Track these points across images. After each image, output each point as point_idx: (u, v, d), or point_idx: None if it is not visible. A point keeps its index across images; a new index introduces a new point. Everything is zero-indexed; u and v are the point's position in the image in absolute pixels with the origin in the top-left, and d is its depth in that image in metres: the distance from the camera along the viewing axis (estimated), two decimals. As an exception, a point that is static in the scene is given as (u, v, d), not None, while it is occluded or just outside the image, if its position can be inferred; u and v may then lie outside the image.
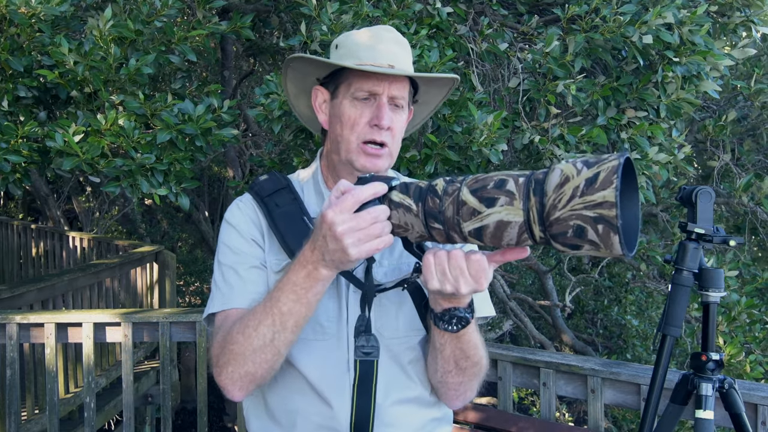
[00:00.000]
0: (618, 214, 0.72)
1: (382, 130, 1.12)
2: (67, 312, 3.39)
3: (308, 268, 0.97)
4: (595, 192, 0.74)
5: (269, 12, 3.21)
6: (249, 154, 5.96)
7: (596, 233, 0.74)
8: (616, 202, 0.72)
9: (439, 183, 0.91)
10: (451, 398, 1.19)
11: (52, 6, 2.22)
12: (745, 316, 2.87)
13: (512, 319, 5.47)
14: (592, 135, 2.19)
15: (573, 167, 0.77)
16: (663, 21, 2.04)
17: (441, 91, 1.29)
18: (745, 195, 2.90)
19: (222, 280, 1.16)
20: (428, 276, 0.91)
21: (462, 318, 1.00)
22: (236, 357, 1.04)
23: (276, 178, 1.23)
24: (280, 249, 1.15)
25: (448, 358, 1.09)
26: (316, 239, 0.95)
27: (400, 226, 0.93)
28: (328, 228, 0.92)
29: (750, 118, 3.39)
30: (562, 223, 0.77)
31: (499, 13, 2.55)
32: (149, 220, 9.83)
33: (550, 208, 0.78)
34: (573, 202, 0.75)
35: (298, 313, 1.00)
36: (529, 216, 0.80)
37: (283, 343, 1.03)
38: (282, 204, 1.17)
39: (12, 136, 2.20)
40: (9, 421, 3.18)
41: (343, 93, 1.15)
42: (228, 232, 1.19)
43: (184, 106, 2.28)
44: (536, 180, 0.81)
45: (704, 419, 1.77)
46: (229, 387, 1.07)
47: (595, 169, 0.75)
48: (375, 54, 1.14)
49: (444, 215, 0.88)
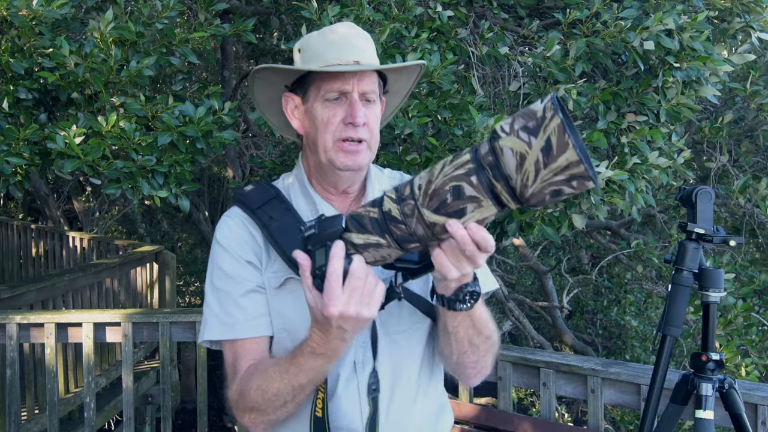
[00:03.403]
0: (586, 166, 0.73)
1: (358, 127, 1.11)
2: (67, 312, 3.39)
3: (327, 354, 0.99)
4: (556, 158, 0.74)
5: (270, 14, 3.22)
6: (249, 155, 5.96)
7: (572, 188, 0.76)
8: (581, 158, 0.73)
9: (392, 208, 0.88)
10: (470, 376, 1.20)
11: (53, 9, 2.22)
12: (741, 319, 2.87)
13: (511, 319, 5.48)
14: (593, 139, 2.20)
15: (520, 141, 0.76)
16: (664, 27, 2.05)
17: (410, 79, 1.28)
18: (742, 196, 2.91)
19: (218, 306, 1.15)
20: (445, 270, 0.91)
21: (473, 292, 1.00)
22: (257, 411, 1.07)
23: (263, 188, 1.21)
24: (276, 260, 1.14)
25: (462, 339, 1.09)
26: (328, 333, 0.95)
27: (377, 261, 0.94)
28: (340, 319, 0.92)
29: (747, 120, 3.41)
30: (538, 195, 0.77)
31: (500, 16, 2.55)
32: (149, 220, 9.83)
33: (521, 189, 0.78)
34: (540, 175, 0.76)
35: (317, 380, 1.03)
36: (500, 200, 0.81)
37: (303, 398, 1.06)
38: (276, 216, 1.15)
39: (13, 138, 2.21)
40: (9, 421, 3.19)
41: (314, 96, 1.14)
42: (220, 254, 1.16)
43: (185, 108, 2.29)
44: (489, 165, 0.79)
45: (704, 419, 1.78)
46: (252, 428, 1.11)
47: (543, 135, 0.74)
48: (339, 52, 1.13)
49: (417, 235, 0.87)
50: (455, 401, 2.50)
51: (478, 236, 0.85)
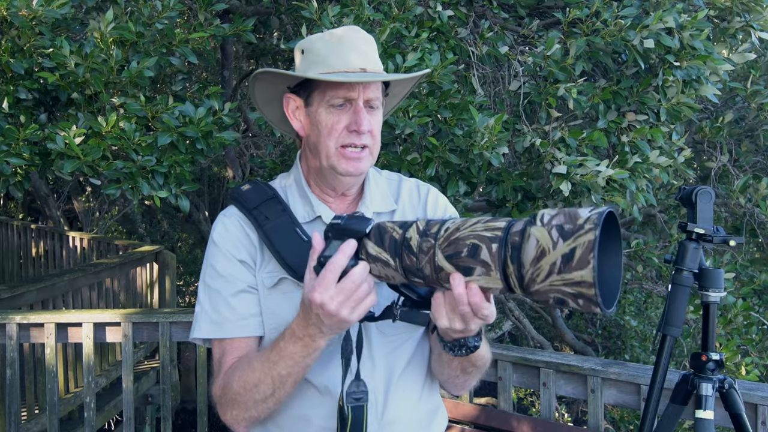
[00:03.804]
0: (597, 292, 0.72)
1: (362, 134, 1.12)
2: (67, 312, 3.39)
3: (305, 340, 1.00)
4: (572, 271, 0.73)
5: (270, 14, 3.22)
6: (249, 155, 5.96)
7: (577, 304, 0.75)
8: (594, 282, 0.71)
9: (413, 237, 0.89)
10: (457, 389, 1.23)
11: (53, 9, 2.22)
12: (741, 319, 2.87)
13: (511, 319, 5.48)
14: (593, 138, 2.20)
15: (549, 237, 0.75)
16: (664, 25, 2.05)
17: (411, 82, 1.29)
18: (743, 196, 2.91)
19: (209, 304, 1.15)
20: (437, 315, 0.92)
21: (471, 347, 1.01)
22: (239, 405, 1.08)
23: (260, 188, 1.21)
24: (270, 260, 1.14)
25: (455, 368, 1.13)
26: (308, 317, 0.97)
27: (381, 277, 0.94)
28: (320, 308, 0.94)
29: (747, 120, 3.41)
30: (542, 294, 0.77)
31: (500, 16, 2.55)
32: (149, 220, 9.83)
33: (529, 281, 0.77)
34: (551, 278, 0.75)
35: (296, 374, 1.04)
36: (509, 282, 0.80)
37: (283, 394, 1.07)
38: (272, 216, 1.15)
39: (13, 138, 2.21)
40: (9, 420, 3.19)
41: (318, 101, 1.13)
42: (214, 254, 1.17)
43: (185, 109, 2.29)
44: (512, 245, 0.79)
45: (704, 419, 1.78)
46: (234, 426, 1.12)
47: (571, 243, 0.73)
48: (346, 59, 1.12)
49: (423, 273, 0.88)
50: (455, 401, 2.50)
51: (474, 299, 0.86)
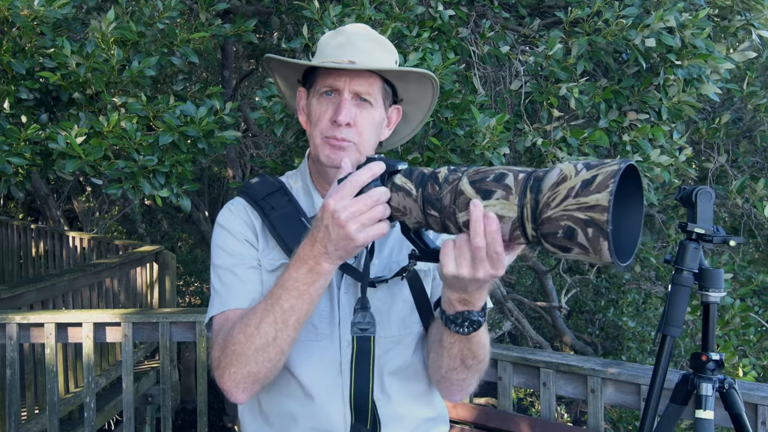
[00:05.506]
0: (609, 219, 0.70)
1: (341, 126, 1.11)
2: (67, 312, 3.39)
3: (309, 263, 0.96)
4: (589, 194, 0.72)
5: (270, 14, 3.22)
6: (249, 155, 5.96)
7: (586, 237, 0.73)
8: (609, 206, 0.70)
9: (442, 171, 0.90)
10: (454, 393, 1.18)
11: (55, 8, 2.22)
12: (738, 320, 2.88)
13: (510, 319, 5.48)
14: (594, 137, 2.20)
15: (573, 167, 0.76)
16: (665, 24, 2.05)
17: (422, 88, 1.25)
18: (740, 197, 2.91)
19: (219, 282, 1.16)
20: (445, 261, 0.88)
21: (475, 321, 0.99)
22: (238, 357, 1.02)
23: (268, 180, 1.22)
24: (273, 249, 1.15)
25: (455, 356, 1.08)
26: (317, 232, 0.94)
27: (399, 209, 0.93)
28: (331, 216, 0.91)
29: (744, 121, 3.41)
30: (553, 222, 0.75)
31: (501, 15, 2.56)
32: (149, 220, 9.83)
33: (543, 206, 0.76)
34: (566, 202, 0.74)
35: (300, 309, 0.99)
36: (522, 212, 0.79)
37: (285, 340, 1.01)
38: (278, 206, 1.17)
39: (14, 138, 2.21)
40: (9, 421, 3.19)
41: (313, 91, 1.16)
42: (221, 234, 1.18)
43: (186, 108, 2.29)
44: (536, 177, 0.79)
45: (704, 419, 1.78)
46: (232, 389, 1.05)
47: (594, 172, 0.73)
48: (339, 51, 1.15)
49: (441, 203, 0.87)
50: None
51: (491, 227, 0.82)
